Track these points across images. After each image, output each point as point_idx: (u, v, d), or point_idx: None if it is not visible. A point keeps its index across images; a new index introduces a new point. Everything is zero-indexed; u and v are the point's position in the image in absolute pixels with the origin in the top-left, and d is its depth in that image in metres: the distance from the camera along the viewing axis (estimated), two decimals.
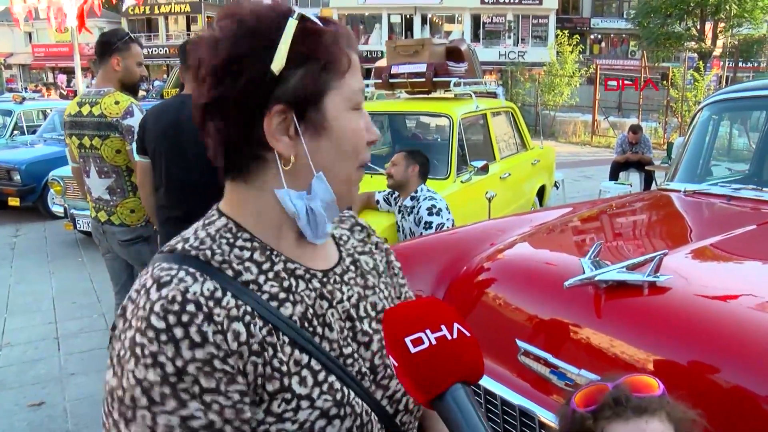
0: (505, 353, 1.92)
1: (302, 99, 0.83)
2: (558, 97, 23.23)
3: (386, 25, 42.27)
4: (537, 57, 33.40)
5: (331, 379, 0.86)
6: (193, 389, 0.75)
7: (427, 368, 0.73)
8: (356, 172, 0.91)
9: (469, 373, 0.75)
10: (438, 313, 0.79)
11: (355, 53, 0.88)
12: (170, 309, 0.76)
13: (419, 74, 5.65)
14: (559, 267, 2.09)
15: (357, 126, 0.88)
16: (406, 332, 0.75)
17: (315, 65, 0.83)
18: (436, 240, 2.76)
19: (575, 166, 14.50)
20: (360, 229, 1.09)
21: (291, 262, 0.90)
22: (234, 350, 0.78)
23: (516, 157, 6.55)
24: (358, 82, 0.88)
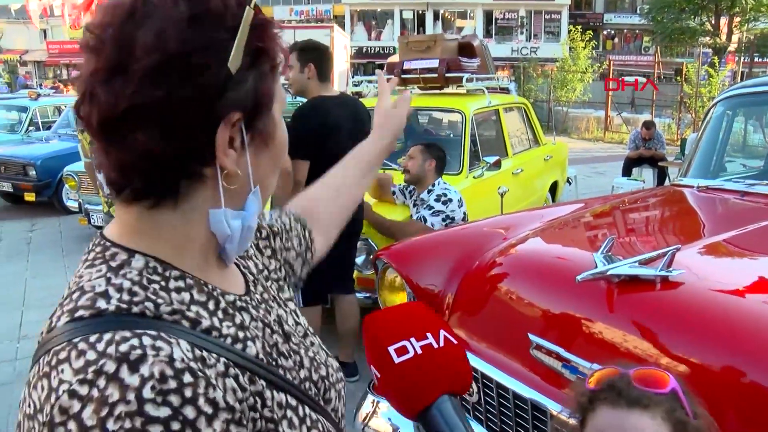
0: (518, 347, 1.93)
1: (257, 105, 0.71)
2: (570, 93, 23.12)
3: (398, 20, 42.19)
4: (549, 53, 33.22)
5: (307, 411, 0.75)
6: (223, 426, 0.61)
7: (413, 380, 0.68)
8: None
9: (456, 383, 0.71)
10: (423, 319, 0.73)
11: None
12: (166, 389, 0.58)
13: (432, 70, 5.64)
14: (572, 261, 2.10)
15: (285, 134, 0.79)
16: (389, 341, 0.70)
17: (267, 64, 0.72)
18: (448, 234, 2.77)
19: (588, 162, 14.43)
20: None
21: (226, 294, 0.76)
22: (240, 410, 0.64)
23: (528, 153, 6.54)
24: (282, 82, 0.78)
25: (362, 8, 42.31)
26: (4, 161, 9.13)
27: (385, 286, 2.48)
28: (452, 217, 3.88)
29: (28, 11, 22.41)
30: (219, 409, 0.61)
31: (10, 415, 3.69)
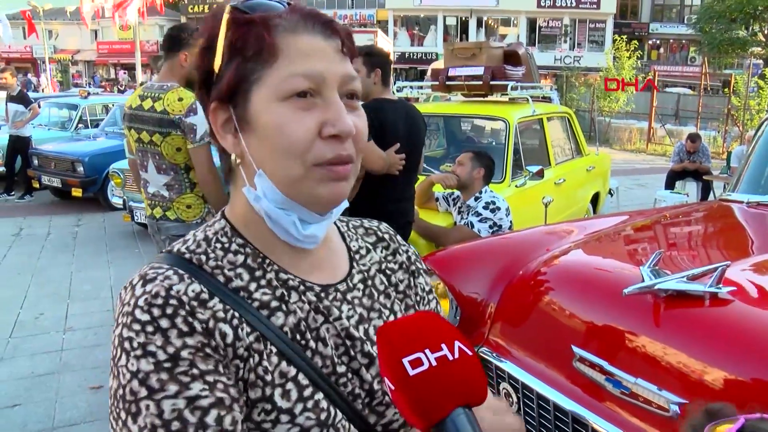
0: (560, 359, 1.93)
1: (232, 94, 0.79)
2: (614, 104, 22.83)
3: (441, 27, 42.18)
4: (593, 62, 32.86)
5: (318, 396, 0.80)
6: (191, 372, 0.72)
7: (427, 392, 0.66)
8: (305, 171, 0.79)
9: (471, 396, 0.69)
10: (438, 330, 0.72)
11: (305, 35, 0.78)
12: (154, 303, 0.74)
13: (476, 77, 5.64)
14: (618, 274, 2.08)
15: (284, 121, 0.77)
16: (403, 352, 0.68)
17: (242, 57, 0.78)
18: (491, 243, 2.77)
19: (630, 174, 14.24)
20: (385, 245, 1.00)
21: (284, 272, 0.84)
22: (221, 346, 0.75)
23: (571, 163, 6.48)
24: (299, 65, 0.77)
25: (405, 14, 42.41)
26: (54, 157, 9.40)
27: None
28: (499, 225, 3.87)
29: (81, 13, 23.01)
30: (194, 332, 0.74)
31: (56, 403, 3.80)
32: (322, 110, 0.78)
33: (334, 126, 0.77)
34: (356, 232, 0.99)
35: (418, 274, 1.01)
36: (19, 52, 44.40)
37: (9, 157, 9.94)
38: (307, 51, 0.78)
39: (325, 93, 0.78)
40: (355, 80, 0.82)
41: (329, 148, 0.78)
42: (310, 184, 0.79)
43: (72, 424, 3.59)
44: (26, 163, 9.90)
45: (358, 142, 0.81)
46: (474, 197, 4.05)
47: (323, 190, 0.80)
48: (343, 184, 0.81)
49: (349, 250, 0.95)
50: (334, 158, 0.78)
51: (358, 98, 0.83)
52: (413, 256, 1.03)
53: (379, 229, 1.02)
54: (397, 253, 1.00)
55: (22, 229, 8.37)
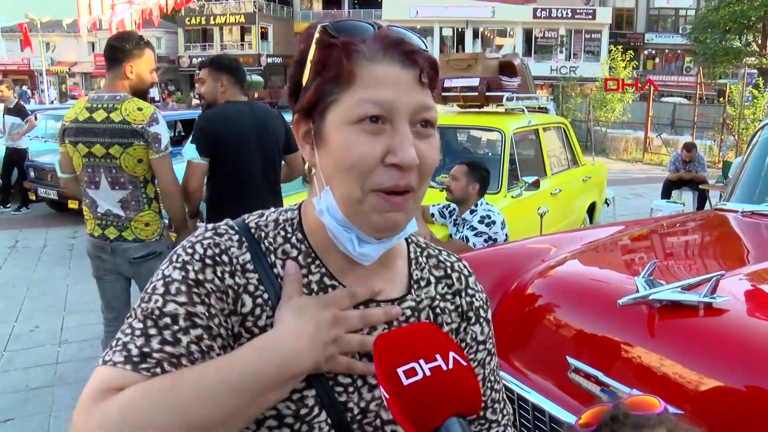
0: (555, 369, 1.92)
1: (310, 109, 0.84)
2: (610, 113, 22.91)
3: (438, 37, 42.36)
4: (589, 72, 33.02)
5: (307, 393, 0.84)
6: (203, 299, 0.82)
7: (421, 401, 0.68)
8: (363, 195, 0.81)
9: (465, 405, 0.71)
10: (432, 340, 0.74)
11: (382, 64, 0.81)
12: (211, 248, 0.85)
13: (472, 88, 5.66)
14: (612, 285, 2.08)
15: (351, 141, 0.80)
16: (398, 362, 0.71)
17: (324, 77, 0.82)
18: (487, 254, 2.76)
19: (626, 184, 14.27)
20: (449, 283, 1.00)
21: (330, 277, 0.89)
22: (233, 309, 0.84)
23: (567, 173, 6.50)
24: (372, 92, 0.80)
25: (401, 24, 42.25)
26: (50, 169, 9.38)
27: None
28: (494, 239, 3.87)
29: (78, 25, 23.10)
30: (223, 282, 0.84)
31: (51, 416, 3.77)
32: (389, 137, 0.80)
33: (396, 155, 0.79)
34: (427, 262, 0.99)
35: (476, 321, 1.01)
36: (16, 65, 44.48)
37: (5, 169, 9.94)
38: (382, 79, 0.80)
39: (395, 121, 0.80)
40: (429, 110, 0.83)
41: (388, 176, 0.80)
42: (366, 210, 0.82)
43: None
44: (22, 175, 9.89)
45: (424, 171, 0.83)
46: (470, 210, 4.05)
47: (377, 219, 0.82)
48: (399, 215, 0.83)
49: (410, 277, 0.96)
50: (391, 187, 0.80)
51: (432, 126, 0.84)
52: (478, 302, 1.02)
53: (451, 266, 1.02)
54: (458, 295, 1.00)
55: (18, 241, 8.35)
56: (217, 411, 0.75)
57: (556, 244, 2.73)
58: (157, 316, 0.80)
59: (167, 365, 0.78)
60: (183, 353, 0.79)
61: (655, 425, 0.88)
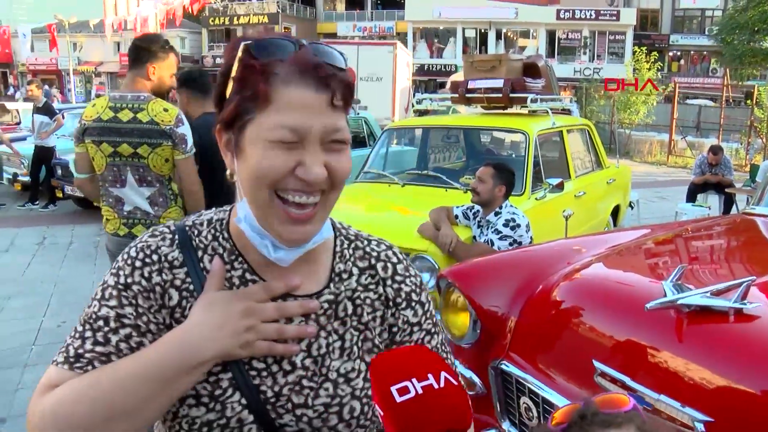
0: (581, 373, 1.92)
1: (230, 122, 0.91)
2: (633, 116, 22.69)
3: (461, 39, 42.26)
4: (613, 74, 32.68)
5: (222, 376, 0.92)
6: (131, 300, 0.92)
7: (413, 418, 0.72)
8: (270, 200, 0.89)
9: (456, 422, 0.74)
10: (424, 361, 0.78)
11: (296, 88, 0.87)
12: (142, 250, 0.95)
13: (496, 90, 5.63)
14: (639, 289, 2.07)
15: (264, 156, 0.87)
16: (392, 381, 0.74)
17: (243, 95, 0.88)
18: (512, 257, 2.76)
19: (650, 187, 14.13)
20: (372, 273, 1.05)
21: (251, 272, 0.97)
22: (161, 302, 0.94)
23: (591, 176, 6.45)
24: (288, 118, 0.86)
25: (425, 26, 42.55)
26: None
27: (448, 306, 2.49)
28: (519, 242, 3.84)
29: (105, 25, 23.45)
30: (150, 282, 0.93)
31: None
32: (300, 153, 0.88)
33: (304, 172, 0.87)
34: (353, 254, 1.05)
35: (407, 306, 1.05)
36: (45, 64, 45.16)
37: (34, 167, 10.09)
38: (295, 104, 0.86)
39: (306, 142, 0.87)
40: (339, 132, 0.89)
41: (296, 183, 0.88)
42: (276, 221, 0.90)
43: None
44: (50, 173, 10.03)
45: (335, 180, 0.91)
46: (494, 212, 4.03)
47: (284, 231, 0.91)
48: (306, 228, 0.91)
49: (332, 270, 1.02)
50: (297, 190, 0.88)
51: (344, 143, 0.91)
52: (408, 287, 1.06)
53: (377, 256, 1.06)
54: (382, 284, 1.04)
55: (45, 237, 8.48)
56: (132, 399, 0.87)
57: (581, 246, 2.72)
58: (93, 319, 0.92)
59: (97, 363, 0.90)
60: (112, 351, 0.91)
61: (622, 423, 0.89)
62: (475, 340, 2.39)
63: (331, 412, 0.96)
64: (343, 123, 0.91)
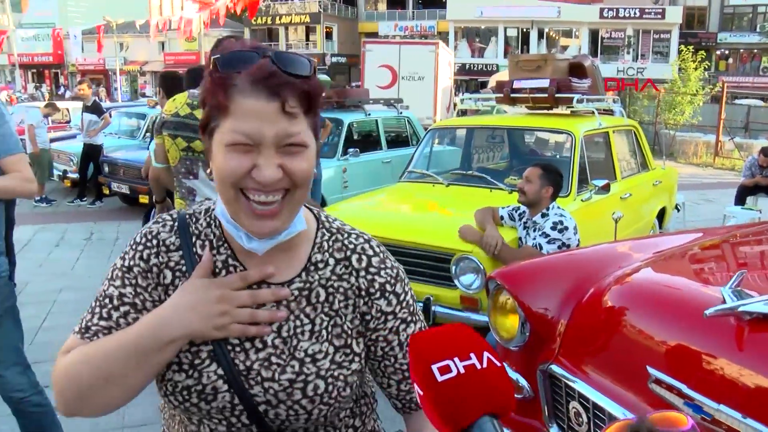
0: (634, 379, 1.88)
1: (204, 128, 1.02)
2: (679, 116, 22.20)
3: (502, 38, 41.94)
4: (657, 73, 32.09)
5: (202, 348, 1.05)
6: (132, 281, 1.07)
7: (455, 398, 0.69)
8: (236, 196, 0.99)
9: (499, 405, 0.71)
10: (467, 340, 0.75)
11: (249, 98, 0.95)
12: (146, 235, 1.09)
13: (541, 90, 5.58)
14: (696, 294, 2.03)
15: (225, 158, 0.97)
16: (433, 359, 0.72)
17: (211, 104, 0.99)
18: (561, 259, 2.73)
19: (696, 189, 13.81)
20: (346, 264, 1.11)
21: (233, 258, 1.09)
22: (158, 281, 1.08)
23: (637, 177, 6.34)
24: (242, 124, 0.95)
25: (466, 25, 42.35)
26: (122, 165, 9.71)
27: (496, 308, 2.47)
28: (568, 245, 3.80)
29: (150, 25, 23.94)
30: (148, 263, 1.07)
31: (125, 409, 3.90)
32: (256, 157, 0.96)
33: (259, 174, 0.96)
34: (332, 245, 1.12)
35: (381, 296, 1.11)
36: (93, 64, 46.27)
37: (82, 164, 10.34)
38: (248, 112, 0.95)
39: (260, 146, 0.96)
40: (293, 136, 0.97)
41: (254, 183, 0.97)
42: (242, 216, 1.00)
43: (142, 424, 3.69)
44: (97, 170, 10.26)
45: (295, 180, 0.99)
46: (541, 214, 3.99)
47: (251, 225, 1.00)
48: (272, 223, 1.00)
49: (309, 260, 1.10)
50: (255, 189, 0.97)
51: (301, 146, 0.98)
52: (382, 279, 1.11)
53: (354, 248, 1.12)
54: (355, 276, 1.11)
55: (92, 233, 8.68)
56: (116, 368, 1.01)
57: (632, 250, 2.67)
58: (102, 297, 1.07)
59: (101, 335, 1.05)
60: (113, 326, 1.05)
61: None
62: (523, 342, 2.37)
63: (296, 387, 1.05)
64: (298, 128, 0.97)
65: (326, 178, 7.36)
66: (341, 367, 1.07)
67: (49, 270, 6.88)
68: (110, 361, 1.01)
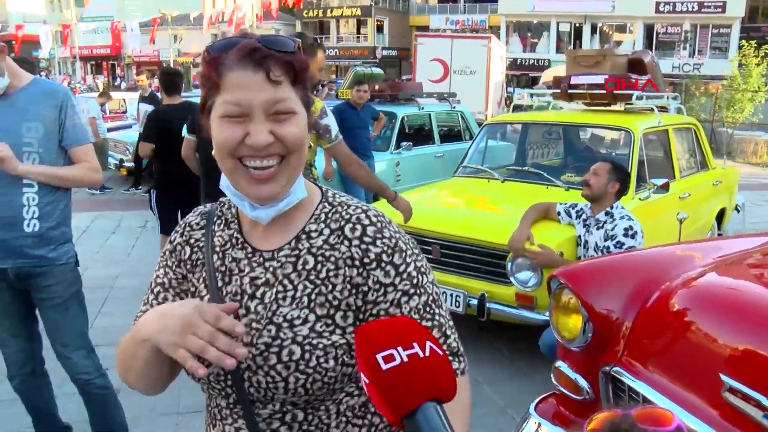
0: (706, 387, 1.83)
1: (203, 109, 1.09)
2: (738, 114, 21.51)
3: (554, 33, 41.30)
4: (716, 69, 31.18)
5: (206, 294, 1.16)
6: (165, 262, 1.20)
7: (399, 385, 0.73)
8: (234, 166, 1.06)
9: (441, 390, 0.75)
10: (410, 330, 0.79)
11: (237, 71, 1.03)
12: (180, 222, 1.24)
13: (599, 86, 5.47)
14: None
15: (219, 131, 1.05)
16: (377, 349, 0.76)
17: (206, 86, 1.07)
18: (624, 259, 2.67)
19: (756, 189, 13.37)
20: (340, 234, 1.13)
21: (238, 232, 1.17)
22: (180, 257, 1.19)
23: (696, 177, 6.17)
24: (232, 95, 1.03)
25: (518, 19, 41.84)
26: None
27: (559, 307, 2.44)
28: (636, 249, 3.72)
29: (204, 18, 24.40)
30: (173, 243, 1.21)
31: (181, 389, 3.97)
32: (248, 125, 1.04)
33: (250, 139, 1.03)
34: (329, 217, 1.15)
35: (377, 267, 1.10)
36: (147, 56, 47.29)
37: (138, 154, 10.58)
38: (237, 84, 1.03)
39: (251, 114, 1.03)
40: (282, 102, 1.04)
41: (249, 150, 1.04)
42: (242, 183, 1.07)
43: (195, 410, 3.75)
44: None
45: (287, 145, 1.06)
46: (605, 212, 3.90)
47: (250, 191, 1.07)
48: (271, 186, 1.06)
49: (302, 230, 1.14)
50: (250, 155, 1.04)
51: (288, 113, 1.05)
52: (377, 249, 1.11)
53: (349, 218, 1.14)
54: (347, 245, 1.11)
55: (147, 221, 8.86)
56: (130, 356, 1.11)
57: (694, 253, 2.60)
58: (148, 285, 1.21)
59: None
60: (149, 309, 1.13)
61: None
62: (585, 343, 2.33)
63: (271, 352, 1.07)
64: (286, 95, 1.05)
65: (379, 171, 7.36)
66: (321, 337, 1.07)
67: (106, 257, 7.07)
68: (124, 348, 1.13)
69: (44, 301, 2.69)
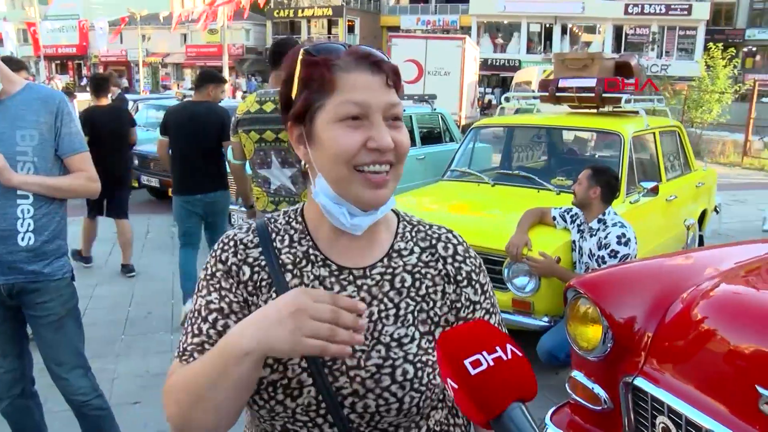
0: (740, 398, 1.80)
1: (301, 116, 1.03)
2: (706, 115, 21.87)
3: (525, 33, 41.63)
4: (683, 71, 31.72)
5: None
6: (215, 286, 1.08)
7: (487, 389, 0.75)
8: (349, 173, 1.00)
9: (525, 391, 0.77)
10: (489, 334, 0.81)
11: (355, 73, 1.00)
12: (223, 240, 1.12)
13: (588, 89, 5.47)
14: None
15: (337, 135, 0.99)
16: (464, 355, 0.78)
17: (310, 89, 1.01)
18: (642, 268, 2.63)
19: (726, 189, 13.54)
20: (432, 252, 1.13)
21: (314, 248, 1.10)
22: (238, 278, 1.08)
23: (681, 179, 6.21)
24: (352, 95, 0.99)
25: (489, 20, 42.08)
26: (152, 158, 9.69)
27: (576, 317, 2.39)
28: (633, 255, 3.71)
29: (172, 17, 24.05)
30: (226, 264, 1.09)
31: None
32: (368, 129, 0.99)
33: (375, 141, 0.99)
34: (414, 235, 1.15)
35: (468, 284, 1.13)
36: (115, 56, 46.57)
37: None
38: (357, 85, 1.00)
39: (371, 116, 1.00)
40: (397, 106, 1.02)
41: (369, 156, 0.99)
42: (355, 187, 1.01)
43: None
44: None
45: (399, 152, 1.02)
46: (597, 219, 3.90)
47: (364, 194, 1.01)
48: (382, 192, 1.02)
49: (391, 247, 1.12)
50: (371, 162, 0.99)
51: (400, 120, 1.04)
52: (468, 267, 1.14)
53: (438, 237, 1.15)
54: (442, 262, 1.12)
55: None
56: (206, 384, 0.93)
57: (711, 260, 2.59)
58: (192, 313, 1.08)
59: (196, 354, 1.03)
60: (204, 340, 1.04)
61: None
62: (604, 353, 2.29)
63: (384, 373, 1.02)
64: (399, 100, 1.03)
65: None
66: (427, 353, 1.06)
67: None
68: (198, 377, 0.96)
69: (38, 319, 2.55)
